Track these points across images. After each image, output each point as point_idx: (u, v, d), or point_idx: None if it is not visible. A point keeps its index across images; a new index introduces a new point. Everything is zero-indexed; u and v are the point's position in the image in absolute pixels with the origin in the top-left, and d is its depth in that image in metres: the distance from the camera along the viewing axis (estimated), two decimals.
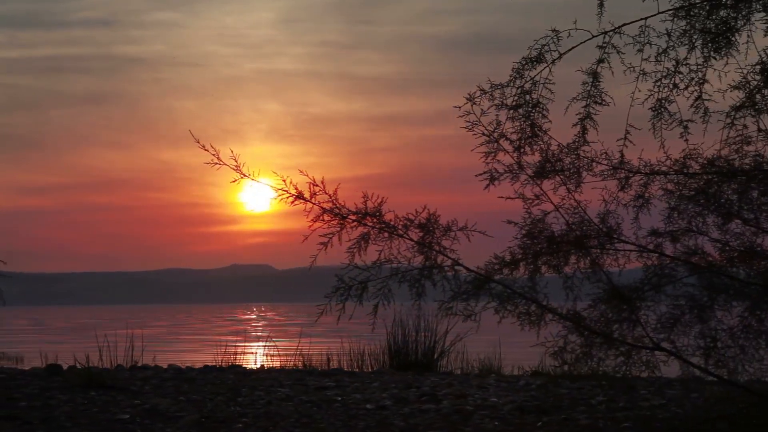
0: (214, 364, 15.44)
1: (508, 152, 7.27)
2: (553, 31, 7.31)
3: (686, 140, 7.57)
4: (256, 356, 16.74)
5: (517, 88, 7.33)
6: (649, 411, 9.61)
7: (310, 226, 7.00)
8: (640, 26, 7.34)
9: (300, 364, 15.48)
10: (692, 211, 7.57)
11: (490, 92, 7.24)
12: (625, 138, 7.56)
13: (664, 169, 7.81)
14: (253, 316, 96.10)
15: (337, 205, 6.92)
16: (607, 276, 7.33)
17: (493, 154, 7.26)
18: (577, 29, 7.23)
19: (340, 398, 10.78)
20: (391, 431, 8.85)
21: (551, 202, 7.34)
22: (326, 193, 6.90)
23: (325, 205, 6.93)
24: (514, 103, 7.31)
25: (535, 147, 7.38)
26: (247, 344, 27.64)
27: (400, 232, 6.93)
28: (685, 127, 7.52)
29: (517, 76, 7.34)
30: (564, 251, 7.36)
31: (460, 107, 7.25)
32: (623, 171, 7.92)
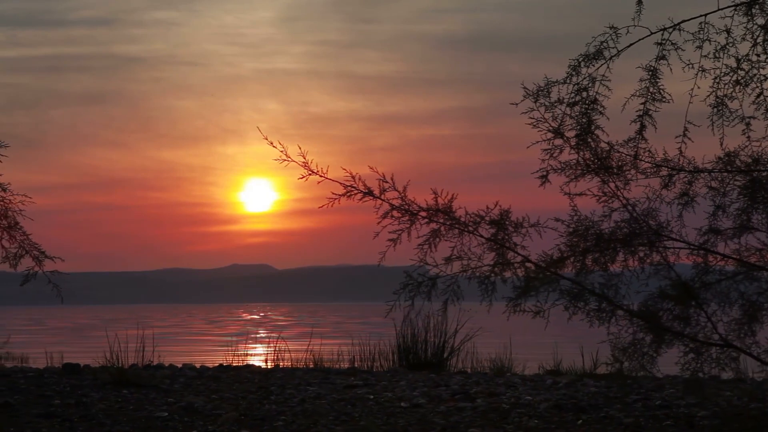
0: (226, 363, 15.39)
1: (573, 148, 7.24)
2: (611, 27, 7.29)
3: (748, 137, 7.56)
4: (267, 355, 16.67)
5: (574, 85, 7.32)
6: (686, 409, 9.59)
7: (378, 222, 6.96)
8: (700, 23, 7.33)
9: (311, 364, 15.44)
10: (748, 207, 7.53)
11: (545, 89, 7.22)
12: (684, 134, 7.54)
13: (708, 166, 7.79)
14: (256, 316, 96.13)
15: (407, 202, 6.89)
16: (676, 273, 7.31)
17: (557, 151, 7.23)
18: (635, 26, 7.21)
19: (372, 396, 10.76)
20: (433, 429, 8.84)
21: (620, 199, 7.31)
22: (396, 190, 6.87)
23: (394, 202, 6.88)
24: (570, 100, 7.29)
25: (592, 144, 7.35)
26: (253, 344, 27.64)
27: (470, 229, 6.90)
28: (748, 124, 7.50)
29: (574, 73, 7.33)
30: (612, 249, 7.34)
31: (517, 104, 7.24)
32: (666, 168, 7.90)
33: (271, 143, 7.03)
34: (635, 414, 9.33)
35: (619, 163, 7.58)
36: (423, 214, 6.90)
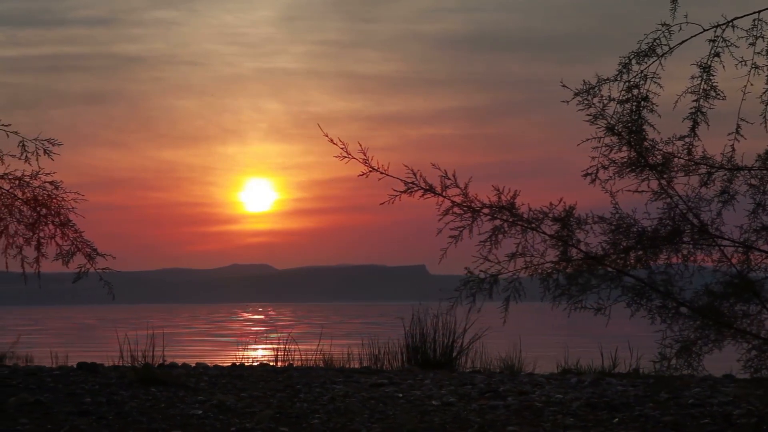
0: (238, 362, 15.37)
1: (626, 145, 7.24)
2: (664, 25, 7.27)
3: None
4: (278, 355, 16.67)
5: (625, 83, 7.30)
6: (719, 407, 9.58)
7: (440, 219, 6.95)
8: (753, 20, 7.31)
9: (322, 363, 15.43)
10: None
11: (597, 86, 7.21)
12: (737, 131, 7.53)
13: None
14: (255, 316, 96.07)
15: (469, 199, 6.87)
16: (737, 269, 7.29)
17: (611, 149, 7.22)
18: (687, 23, 7.19)
19: (401, 395, 10.74)
20: (470, 427, 8.83)
21: (669, 196, 7.30)
22: (458, 187, 6.87)
23: (455, 199, 6.88)
24: (622, 97, 7.27)
25: (645, 143, 7.33)
26: (258, 344, 27.61)
27: (534, 226, 6.89)
28: None
29: (624, 70, 7.31)
30: (657, 246, 7.32)
31: (567, 102, 7.22)
32: (706, 166, 7.89)
33: (332, 140, 7.02)
34: (671, 412, 9.33)
35: (671, 160, 7.56)
36: (486, 211, 6.88)
